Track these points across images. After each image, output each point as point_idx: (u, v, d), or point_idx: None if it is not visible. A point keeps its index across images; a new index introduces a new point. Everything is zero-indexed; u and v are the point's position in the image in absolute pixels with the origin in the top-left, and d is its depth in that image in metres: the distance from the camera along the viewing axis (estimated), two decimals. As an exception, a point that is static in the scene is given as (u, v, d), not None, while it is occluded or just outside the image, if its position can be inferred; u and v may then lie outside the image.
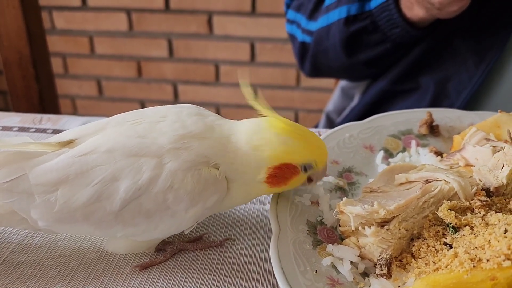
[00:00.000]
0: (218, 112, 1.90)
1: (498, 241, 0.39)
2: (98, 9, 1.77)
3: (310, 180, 0.50)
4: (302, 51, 0.99)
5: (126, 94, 1.95)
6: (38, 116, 0.76)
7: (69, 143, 0.47)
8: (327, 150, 0.49)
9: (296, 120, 1.93)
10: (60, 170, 0.44)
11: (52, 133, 0.72)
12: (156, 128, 0.46)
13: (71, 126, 0.74)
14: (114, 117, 0.50)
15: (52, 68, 1.37)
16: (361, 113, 0.94)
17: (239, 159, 0.46)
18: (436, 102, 0.84)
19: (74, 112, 2.01)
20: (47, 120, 0.75)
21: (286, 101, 1.89)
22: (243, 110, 1.66)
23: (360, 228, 0.45)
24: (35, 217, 0.45)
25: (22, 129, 0.73)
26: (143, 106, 1.89)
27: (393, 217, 0.45)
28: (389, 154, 0.62)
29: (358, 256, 0.46)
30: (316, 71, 1.02)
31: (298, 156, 0.46)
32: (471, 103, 0.84)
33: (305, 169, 0.47)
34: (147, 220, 0.45)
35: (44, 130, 0.73)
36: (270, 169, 0.46)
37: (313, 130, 0.74)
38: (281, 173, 0.46)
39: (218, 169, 0.46)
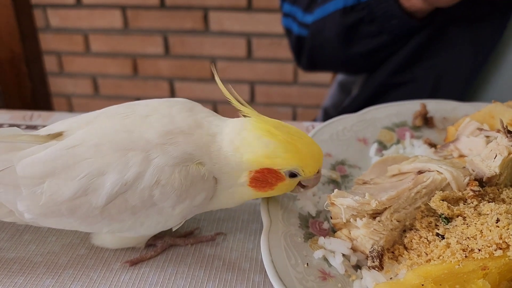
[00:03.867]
0: (215, 109, 1.89)
1: (490, 231, 0.39)
2: (92, 6, 1.76)
3: (302, 185, 0.48)
4: (299, 44, 0.98)
5: (122, 92, 1.94)
6: (28, 113, 0.75)
7: (59, 135, 0.46)
8: (320, 142, 0.48)
9: (294, 115, 1.93)
10: (47, 162, 0.43)
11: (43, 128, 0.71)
12: (145, 122, 0.46)
13: (63, 122, 0.73)
14: (105, 110, 0.49)
15: (44, 66, 1.36)
16: (359, 107, 0.94)
17: (222, 159, 0.44)
18: (433, 93, 0.83)
19: (70, 110, 2.00)
20: (38, 117, 0.74)
21: (284, 97, 1.88)
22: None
23: (351, 220, 0.45)
24: (21, 210, 0.44)
25: (12, 126, 0.72)
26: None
27: (385, 209, 0.45)
28: (383, 146, 0.61)
29: (350, 248, 0.46)
30: (313, 65, 1.01)
31: (280, 162, 0.44)
32: (468, 94, 0.83)
33: (291, 175, 0.45)
34: (133, 216, 0.44)
35: (34, 127, 0.72)
36: (251, 173, 0.44)
37: (307, 124, 0.74)
38: (263, 178, 0.44)
39: (202, 164, 0.44)
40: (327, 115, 1.14)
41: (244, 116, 0.45)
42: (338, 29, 0.86)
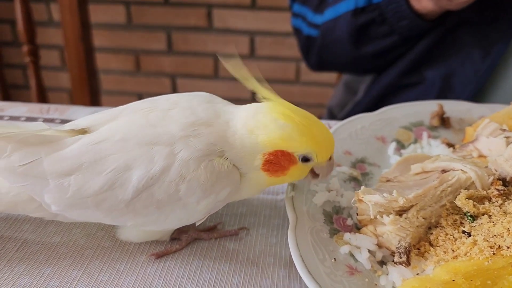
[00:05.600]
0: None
1: (518, 229, 0.40)
2: (96, 1, 1.76)
3: (315, 174, 0.48)
4: (308, 44, 0.99)
5: (124, 88, 1.93)
6: (45, 106, 0.75)
7: (84, 131, 0.47)
8: (339, 140, 0.48)
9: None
10: (74, 158, 0.44)
11: (60, 123, 0.71)
12: (168, 116, 0.46)
13: (79, 116, 0.73)
14: (128, 105, 0.49)
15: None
16: (366, 107, 0.95)
17: (237, 143, 0.45)
18: (441, 95, 0.84)
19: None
20: (55, 110, 0.74)
21: (286, 96, 1.85)
22: (243, 104, 1.66)
23: (378, 216, 0.46)
24: (49, 202, 0.45)
25: (29, 119, 0.72)
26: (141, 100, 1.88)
27: (412, 206, 0.45)
28: (401, 145, 0.62)
29: (376, 244, 0.46)
30: (322, 65, 1.02)
31: (295, 145, 0.44)
32: (477, 96, 0.84)
33: (304, 160, 0.45)
34: (158, 210, 0.45)
35: (52, 120, 0.72)
36: (265, 155, 0.44)
37: (324, 122, 0.74)
38: (276, 160, 0.45)
39: (225, 157, 0.44)
40: (332, 115, 1.15)
41: (262, 99, 0.45)
42: (349, 30, 0.86)
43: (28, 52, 1.28)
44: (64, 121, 0.71)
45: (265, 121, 0.44)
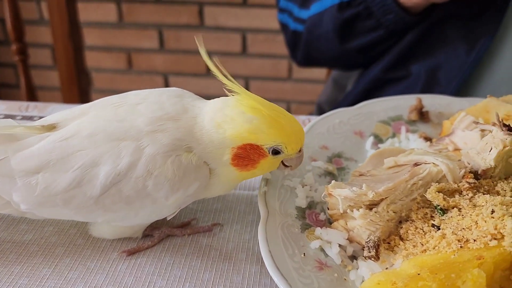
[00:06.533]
0: (209, 104, 1.89)
1: (485, 222, 0.39)
2: (87, -1, 1.76)
3: (285, 165, 0.48)
4: (294, 40, 0.99)
5: (116, 86, 1.93)
6: (24, 103, 0.75)
7: (53, 127, 0.46)
8: (316, 135, 0.48)
9: (288, 111, 1.93)
10: (41, 155, 0.44)
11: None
12: (136, 110, 0.46)
13: (58, 113, 0.73)
14: (98, 101, 0.49)
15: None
16: (354, 101, 0.94)
17: (205, 138, 0.44)
18: (427, 89, 0.84)
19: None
20: (34, 108, 0.74)
21: (278, 93, 1.88)
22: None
23: (348, 210, 0.45)
24: (17, 200, 0.44)
25: (8, 117, 0.72)
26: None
27: (382, 200, 0.45)
28: (379, 139, 0.62)
29: (346, 239, 0.46)
30: (308, 60, 1.02)
31: (263, 137, 0.43)
32: (462, 91, 0.84)
33: (274, 152, 0.45)
34: (127, 206, 0.45)
35: (30, 118, 0.72)
36: (234, 150, 0.44)
37: (303, 117, 0.74)
38: (246, 154, 0.44)
39: (193, 153, 0.44)
40: (321, 110, 1.15)
41: (230, 91, 0.44)
42: (334, 24, 0.86)
43: (17, 51, 1.27)
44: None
45: (232, 115, 0.44)
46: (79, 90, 1.47)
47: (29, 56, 1.33)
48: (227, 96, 0.45)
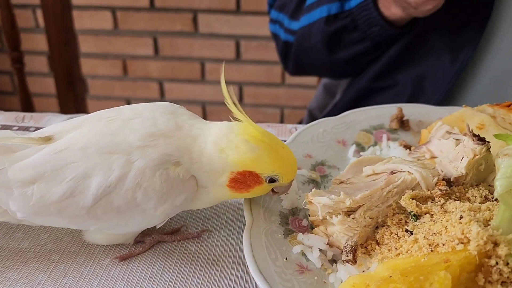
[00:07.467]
0: (203, 110, 1.92)
1: (454, 227, 0.42)
2: (82, 7, 1.78)
3: (274, 192, 0.51)
4: (285, 50, 1.01)
5: (112, 93, 1.95)
6: (20, 114, 0.77)
7: (49, 139, 0.49)
8: (300, 144, 0.51)
9: (282, 116, 1.96)
10: (37, 166, 0.46)
11: (35, 131, 0.73)
12: (129, 125, 0.48)
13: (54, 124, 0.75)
14: (93, 114, 0.51)
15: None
16: (342, 110, 0.97)
17: (204, 159, 0.47)
18: (413, 98, 0.87)
19: (60, 111, 2.01)
20: (30, 118, 0.76)
21: (271, 98, 1.91)
22: (229, 108, 1.68)
23: (328, 217, 0.48)
24: (14, 209, 0.47)
25: (5, 127, 0.74)
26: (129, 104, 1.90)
27: (359, 206, 0.48)
28: (361, 148, 0.65)
29: (327, 244, 0.49)
30: (299, 70, 1.05)
31: (264, 167, 0.46)
32: (447, 99, 0.86)
33: (270, 181, 0.48)
34: (118, 216, 0.47)
35: (27, 128, 0.74)
36: (233, 174, 0.47)
37: (290, 126, 0.77)
38: (243, 179, 0.47)
39: (180, 166, 0.46)
40: (312, 116, 1.18)
41: (234, 118, 0.47)
42: (323, 36, 0.89)
43: (13, 60, 1.30)
44: (39, 129, 0.73)
45: (236, 142, 0.46)
46: (75, 97, 1.49)
47: (25, 64, 1.35)
48: (222, 102, 0.47)
